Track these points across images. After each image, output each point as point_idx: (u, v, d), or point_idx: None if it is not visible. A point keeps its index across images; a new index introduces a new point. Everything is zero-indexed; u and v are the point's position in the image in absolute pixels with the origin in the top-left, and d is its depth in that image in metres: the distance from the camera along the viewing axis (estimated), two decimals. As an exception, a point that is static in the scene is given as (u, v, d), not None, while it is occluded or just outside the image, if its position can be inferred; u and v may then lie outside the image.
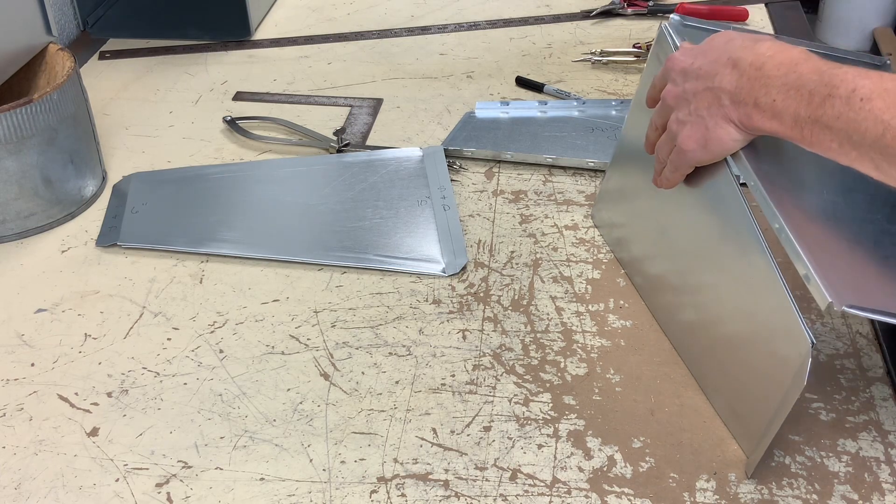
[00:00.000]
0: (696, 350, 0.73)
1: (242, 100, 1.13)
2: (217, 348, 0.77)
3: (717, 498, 0.64)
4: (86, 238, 0.90)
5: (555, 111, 1.07)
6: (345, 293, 0.83)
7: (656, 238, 0.80)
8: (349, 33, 1.30)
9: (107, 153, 1.02)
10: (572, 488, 0.65)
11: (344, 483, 0.66)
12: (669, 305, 0.77)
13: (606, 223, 0.88)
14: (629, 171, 0.84)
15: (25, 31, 0.94)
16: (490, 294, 0.82)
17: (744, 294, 0.67)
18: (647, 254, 0.81)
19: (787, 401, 0.60)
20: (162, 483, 0.66)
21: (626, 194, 0.85)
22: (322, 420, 0.71)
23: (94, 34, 1.29)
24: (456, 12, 1.35)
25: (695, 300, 0.74)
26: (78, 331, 0.79)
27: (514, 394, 0.72)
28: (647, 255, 0.81)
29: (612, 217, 0.88)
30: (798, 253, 0.60)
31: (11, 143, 0.85)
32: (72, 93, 0.90)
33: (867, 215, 0.66)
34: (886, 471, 0.66)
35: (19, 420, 0.71)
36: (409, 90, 1.15)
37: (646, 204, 0.81)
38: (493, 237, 0.89)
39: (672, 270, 0.78)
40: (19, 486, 0.66)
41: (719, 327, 0.70)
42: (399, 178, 0.95)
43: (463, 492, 0.65)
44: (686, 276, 0.76)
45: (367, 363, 0.75)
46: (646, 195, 0.80)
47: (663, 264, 0.79)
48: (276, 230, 0.90)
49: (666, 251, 0.78)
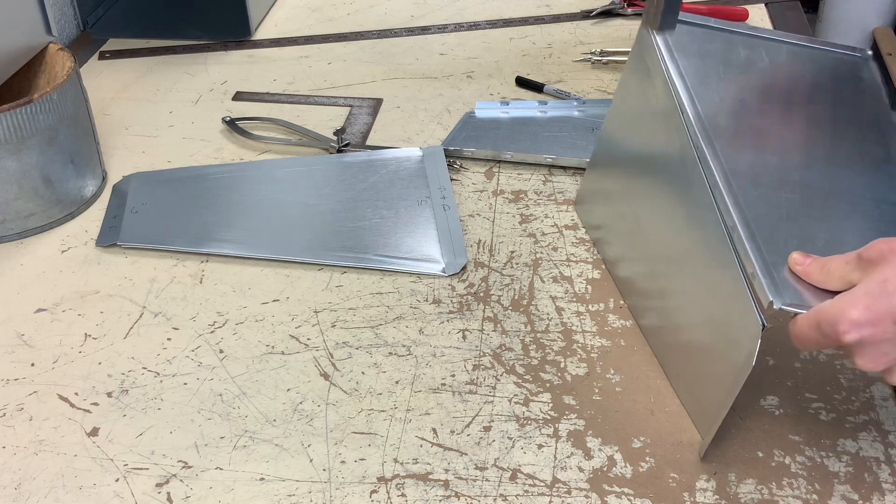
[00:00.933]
0: (662, 338, 0.75)
1: (242, 100, 1.13)
2: (217, 348, 0.77)
3: (717, 498, 0.64)
4: (86, 238, 0.90)
5: (555, 111, 1.07)
6: (345, 293, 0.83)
7: (627, 237, 0.82)
8: (349, 33, 1.30)
9: (107, 153, 1.02)
10: (572, 488, 0.65)
11: (344, 483, 0.66)
12: (638, 293, 0.79)
13: (588, 224, 0.90)
14: (607, 172, 0.86)
15: (25, 31, 0.94)
16: (490, 294, 0.82)
17: (703, 284, 0.69)
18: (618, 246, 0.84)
19: (737, 382, 0.61)
20: (162, 483, 0.66)
21: (604, 195, 0.87)
22: (322, 420, 0.71)
23: (94, 34, 1.29)
24: (456, 12, 1.35)
25: (659, 286, 0.75)
26: (78, 331, 0.79)
27: (514, 394, 0.72)
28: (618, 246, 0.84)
29: (591, 218, 0.89)
30: (747, 252, 0.62)
31: (11, 143, 0.85)
32: (72, 93, 0.90)
33: (823, 213, 0.67)
34: (886, 471, 0.66)
35: (19, 420, 0.71)
36: (409, 90, 1.15)
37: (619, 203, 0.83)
38: (493, 237, 0.89)
39: (640, 260, 0.79)
40: (19, 486, 0.66)
41: (681, 314, 0.72)
42: (399, 178, 0.95)
43: (463, 492, 0.65)
44: (654, 265, 0.77)
45: (367, 363, 0.75)
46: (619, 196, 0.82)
47: (633, 256, 0.81)
48: (276, 230, 0.90)
49: (635, 246, 0.80)
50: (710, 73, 0.75)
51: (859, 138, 0.74)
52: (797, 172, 0.70)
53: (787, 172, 0.69)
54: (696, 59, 0.74)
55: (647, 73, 0.75)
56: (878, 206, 0.69)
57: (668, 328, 0.74)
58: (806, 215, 0.66)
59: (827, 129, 0.74)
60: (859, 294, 0.56)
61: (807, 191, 0.68)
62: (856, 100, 0.76)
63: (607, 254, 0.85)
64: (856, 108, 0.76)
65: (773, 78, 0.76)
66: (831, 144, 0.73)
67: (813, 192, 0.69)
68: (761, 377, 0.72)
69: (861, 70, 0.78)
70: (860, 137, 0.74)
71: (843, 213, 0.68)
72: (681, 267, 0.73)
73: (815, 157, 0.72)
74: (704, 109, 0.71)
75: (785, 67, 0.77)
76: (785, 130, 0.73)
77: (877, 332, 0.54)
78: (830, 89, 0.77)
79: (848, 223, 0.67)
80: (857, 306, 0.55)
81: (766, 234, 0.63)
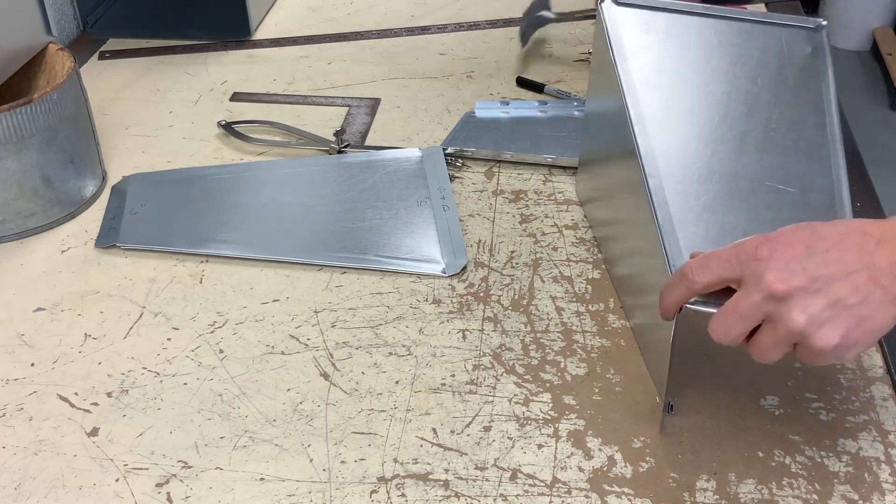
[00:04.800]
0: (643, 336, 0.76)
1: (240, 100, 1.13)
2: (217, 348, 0.77)
3: (717, 498, 0.64)
4: (86, 238, 0.90)
5: (555, 111, 1.07)
6: (345, 293, 0.83)
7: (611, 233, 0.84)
8: (349, 33, 1.30)
9: (107, 153, 1.02)
10: (572, 488, 0.65)
11: (344, 483, 0.66)
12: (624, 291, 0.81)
13: (592, 221, 0.91)
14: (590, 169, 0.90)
15: (25, 31, 0.94)
16: (490, 294, 0.82)
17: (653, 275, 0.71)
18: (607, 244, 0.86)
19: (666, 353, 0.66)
20: (162, 483, 0.66)
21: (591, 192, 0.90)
22: (322, 420, 0.71)
23: (94, 34, 1.29)
24: (456, 12, 1.35)
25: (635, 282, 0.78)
26: (78, 331, 0.79)
27: (514, 394, 0.72)
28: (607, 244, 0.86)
29: (592, 214, 0.91)
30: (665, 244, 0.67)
31: (11, 143, 0.85)
32: (72, 93, 0.90)
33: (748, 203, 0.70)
34: (886, 471, 0.66)
35: (19, 420, 0.71)
36: (410, 90, 1.15)
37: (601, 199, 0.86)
38: (493, 237, 0.89)
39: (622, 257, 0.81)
40: (19, 486, 0.66)
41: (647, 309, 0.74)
42: (398, 179, 0.95)
43: (463, 492, 0.65)
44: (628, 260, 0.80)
45: (367, 363, 0.75)
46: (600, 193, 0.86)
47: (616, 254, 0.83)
48: (275, 231, 0.90)
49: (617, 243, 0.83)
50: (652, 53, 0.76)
51: (797, 121, 0.74)
52: (729, 162, 0.72)
53: (719, 163, 0.72)
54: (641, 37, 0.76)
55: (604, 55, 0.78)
56: (805, 195, 0.70)
57: (644, 325, 0.76)
58: (730, 206, 0.69)
59: (764, 114, 0.75)
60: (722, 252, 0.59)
61: (735, 181, 0.71)
62: (800, 78, 0.77)
63: (605, 253, 0.86)
64: (798, 89, 0.76)
65: (718, 60, 0.77)
66: (766, 130, 0.74)
67: (740, 181, 0.71)
68: (761, 377, 0.73)
69: (812, 44, 0.78)
70: (798, 120, 0.74)
71: (767, 203, 0.70)
72: (640, 259, 0.75)
73: (748, 143, 0.73)
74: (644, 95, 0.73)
75: (732, 48, 0.78)
76: (722, 118, 0.75)
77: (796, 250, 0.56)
78: (775, 68, 0.77)
79: (771, 213, 0.69)
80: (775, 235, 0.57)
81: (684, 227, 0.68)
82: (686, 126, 0.74)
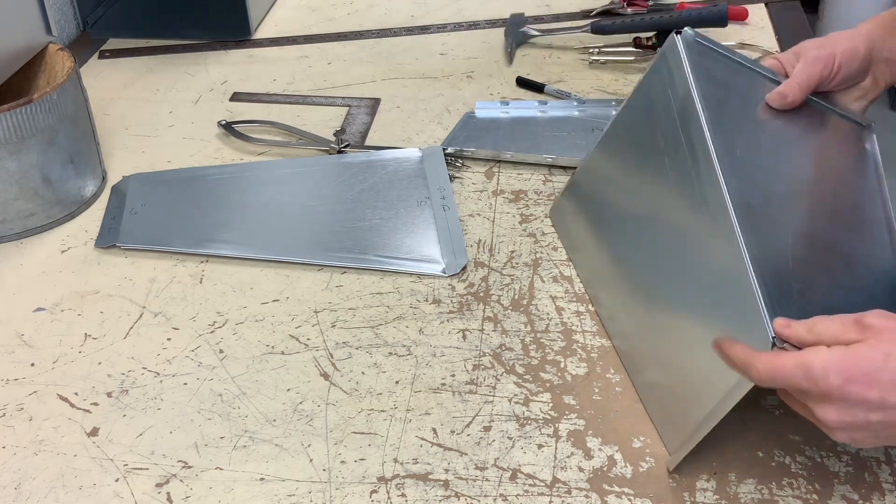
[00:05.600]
0: (639, 343, 0.74)
1: (240, 100, 1.13)
2: (217, 348, 0.77)
3: (717, 498, 0.64)
4: (86, 238, 0.90)
5: (555, 111, 1.07)
6: (345, 293, 0.83)
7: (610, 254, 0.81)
8: (349, 33, 1.30)
9: (107, 153, 1.02)
10: (572, 488, 0.65)
11: (344, 483, 0.66)
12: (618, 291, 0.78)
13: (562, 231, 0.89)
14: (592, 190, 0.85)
15: (25, 31, 0.94)
16: (490, 294, 0.82)
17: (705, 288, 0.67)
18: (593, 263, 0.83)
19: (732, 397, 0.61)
20: (162, 483, 0.66)
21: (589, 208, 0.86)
22: (322, 420, 0.71)
23: (94, 34, 1.29)
24: (456, 12, 1.35)
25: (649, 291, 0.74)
26: (78, 331, 0.79)
27: (514, 394, 0.72)
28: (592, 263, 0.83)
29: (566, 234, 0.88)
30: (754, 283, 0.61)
31: (11, 143, 0.85)
32: (72, 93, 0.90)
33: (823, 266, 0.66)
34: (886, 471, 0.66)
35: (19, 420, 0.71)
36: (409, 90, 1.15)
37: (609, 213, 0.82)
38: (493, 237, 0.89)
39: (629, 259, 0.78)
40: (19, 486, 0.66)
41: (674, 322, 0.70)
42: (398, 179, 0.95)
43: (463, 492, 0.65)
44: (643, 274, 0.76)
45: (367, 363, 0.75)
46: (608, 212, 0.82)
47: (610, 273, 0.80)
48: (275, 231, 0.90)
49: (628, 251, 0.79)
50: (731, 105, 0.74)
51: (861, 203, 0.73)
52: (804, 222, 0.69)
53: (795, 220, 0.69)
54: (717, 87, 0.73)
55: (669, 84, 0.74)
56: (871, 273, 0.69)
57: (653, 328, 0.73)
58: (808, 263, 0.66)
59: (831, 186, 0.74)
60: (862, 355, 0.54)
61: (810, 240, 0.68)
62: (858, 166, 0.76)
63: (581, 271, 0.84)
64: (857, 174, 0.75)
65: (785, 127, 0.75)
66: (834, 201, 0.73)
67: (815, 242, 0.68)
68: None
69: (864, 139, 0.78)
70: (861, 202, 0.73)
71: (840, 272, 0.67)
72: (679, 285, 0.71)
73: (818, 210, 0.71)
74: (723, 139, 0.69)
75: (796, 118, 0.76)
76: (793, 179, 0.72)
77: (868, 397, 0.54)
78: (836, 150, 0.77)
79: (845, 283, 0.67)
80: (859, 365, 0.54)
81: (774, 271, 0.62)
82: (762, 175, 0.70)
